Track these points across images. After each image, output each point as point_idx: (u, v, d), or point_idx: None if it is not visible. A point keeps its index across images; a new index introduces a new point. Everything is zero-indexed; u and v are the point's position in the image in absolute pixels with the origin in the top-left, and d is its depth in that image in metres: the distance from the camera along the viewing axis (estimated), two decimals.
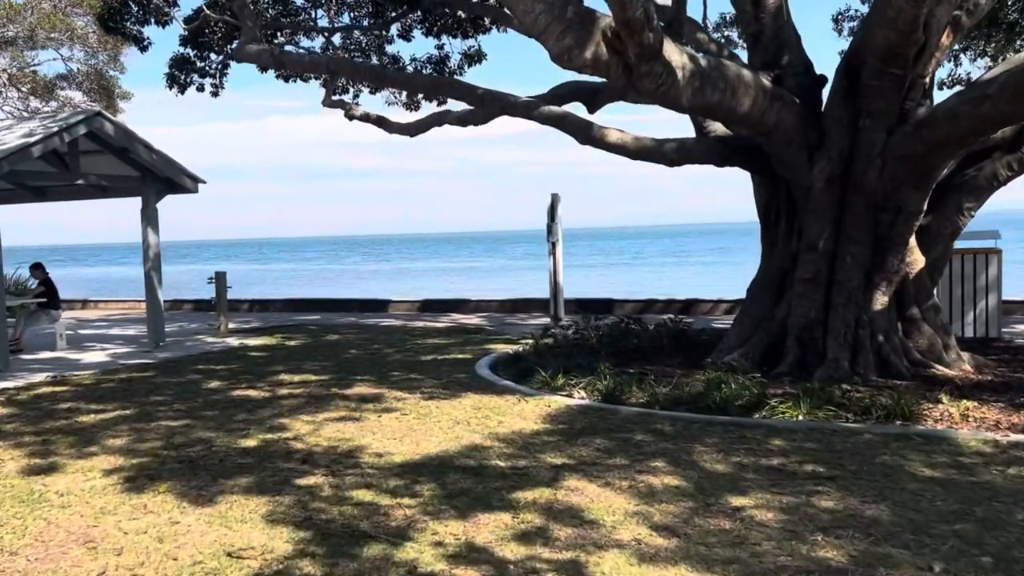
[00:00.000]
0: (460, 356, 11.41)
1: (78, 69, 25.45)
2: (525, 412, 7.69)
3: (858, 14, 17.33)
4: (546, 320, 16.52)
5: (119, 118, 21.57)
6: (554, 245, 15.29)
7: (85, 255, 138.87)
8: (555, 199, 15.22)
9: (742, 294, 10.98)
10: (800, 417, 7.21)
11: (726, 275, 43.05)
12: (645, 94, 8.18)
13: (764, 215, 10.60)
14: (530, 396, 8.36)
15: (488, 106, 10.45)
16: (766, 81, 8.92)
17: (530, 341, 12.26)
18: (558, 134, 10.32)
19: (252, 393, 9.11)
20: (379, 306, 20.72)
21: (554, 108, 10.22)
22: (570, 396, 8.22)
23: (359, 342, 13.54)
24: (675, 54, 7.80)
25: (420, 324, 16.94)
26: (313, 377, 10.04)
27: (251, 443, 6.87)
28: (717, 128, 10.55)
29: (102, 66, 25.32)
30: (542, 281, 17.72)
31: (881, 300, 9.23)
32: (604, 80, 7.96)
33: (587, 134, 10.06)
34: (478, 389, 8.85)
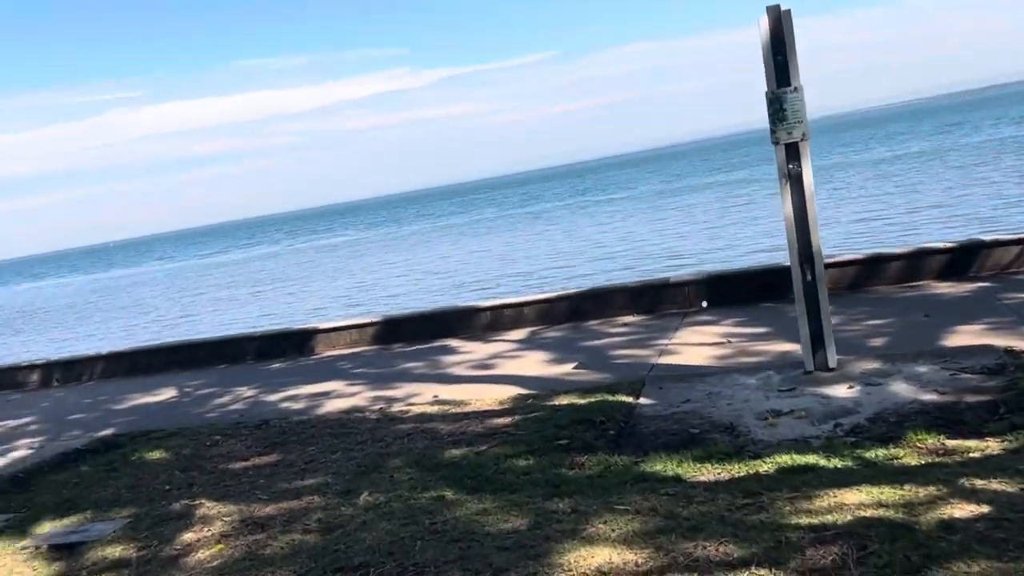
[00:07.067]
0: None
1: None
2: None
3: None
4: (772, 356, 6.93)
5: None
6: (793, 149, 5.58)
7: None
8: (782, 14, 5.47)
9: None
10: None
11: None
12: None
13: None
14: None
15: None
16: None
17: None
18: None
19: None
20: (298, 342, 10.59)
21: None
22: None
23: None
24: None
25: (439, 404, 6.99)
26: None
27: None
28: None
29: None
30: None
31: None
32: None
33: None
34: None
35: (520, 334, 9.34)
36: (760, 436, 4.74)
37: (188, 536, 4.50)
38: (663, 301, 9.34)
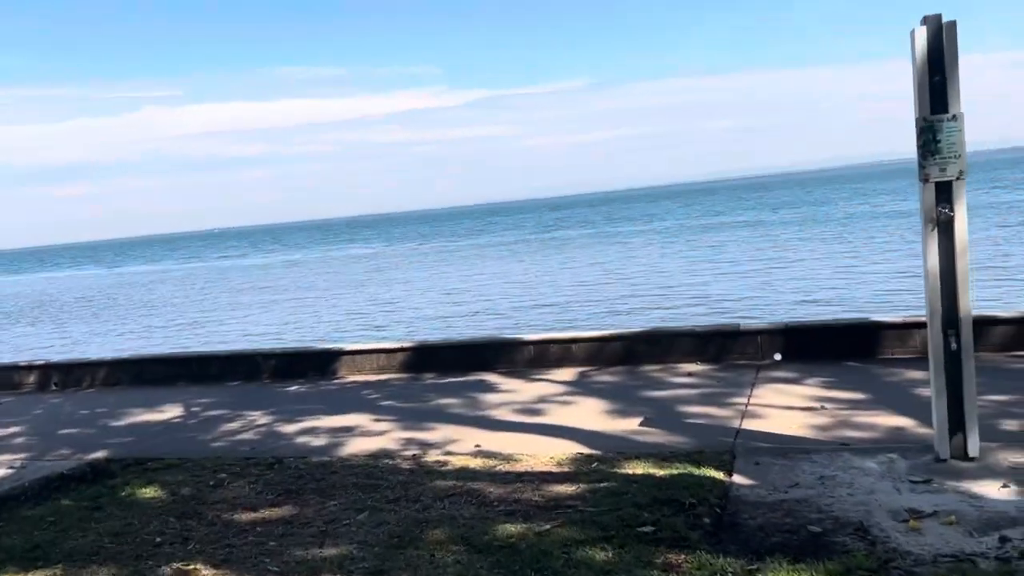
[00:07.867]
0: None
1: None
2: None
3: None
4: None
5: None
6: (945, 190, 4.58)
7: None
8: (944, 26, 4.49)
9: None
10: None
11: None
12: None
13: None
14: None
15: None
16: None
17: None
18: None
19: None
20: (319, 364, 9.64)
21: None
22: None
23: None
24: None
25: (483, 456, 6.01)
26: None
27: None
28: None
29: None
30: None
31: None
32: None
33: None
34: None
35: (568, 374, 8.35)
36: (905, 546, 3.72)
37: None
38: (731, 351, 8.33)
